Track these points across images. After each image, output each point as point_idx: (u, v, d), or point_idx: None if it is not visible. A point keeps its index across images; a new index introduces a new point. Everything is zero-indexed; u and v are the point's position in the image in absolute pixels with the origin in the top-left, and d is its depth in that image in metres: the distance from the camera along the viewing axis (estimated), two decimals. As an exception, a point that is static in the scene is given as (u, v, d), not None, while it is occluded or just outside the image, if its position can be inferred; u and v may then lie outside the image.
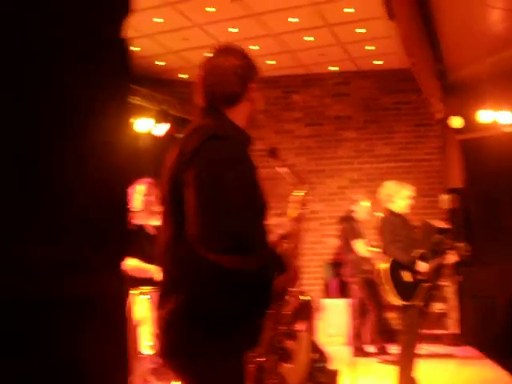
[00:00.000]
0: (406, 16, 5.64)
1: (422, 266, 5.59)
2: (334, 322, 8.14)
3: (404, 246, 5.61)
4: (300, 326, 2.20)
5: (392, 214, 5.74)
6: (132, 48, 7.91)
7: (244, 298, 2.08)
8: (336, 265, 8.74)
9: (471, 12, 6.99)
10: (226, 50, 2.36)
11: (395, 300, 5.43)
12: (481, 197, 8.91)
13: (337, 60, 8.96)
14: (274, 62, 8.86)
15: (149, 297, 4.37)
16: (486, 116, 8.67)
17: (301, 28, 7.63)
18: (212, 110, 2.29)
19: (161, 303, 2.13)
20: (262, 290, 2.15)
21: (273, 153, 2.36)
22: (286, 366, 2.11)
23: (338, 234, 8.06)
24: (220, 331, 2.05)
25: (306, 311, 2.23)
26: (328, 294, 8.63)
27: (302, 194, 2.37)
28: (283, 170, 2.38)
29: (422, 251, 5.67)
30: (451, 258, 5.98)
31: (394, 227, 5.64)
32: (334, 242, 8.68)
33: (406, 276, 5.56)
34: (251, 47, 7.36)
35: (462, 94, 9.02)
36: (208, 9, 6.96)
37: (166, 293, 2.13)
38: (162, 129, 8.13)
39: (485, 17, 7.20)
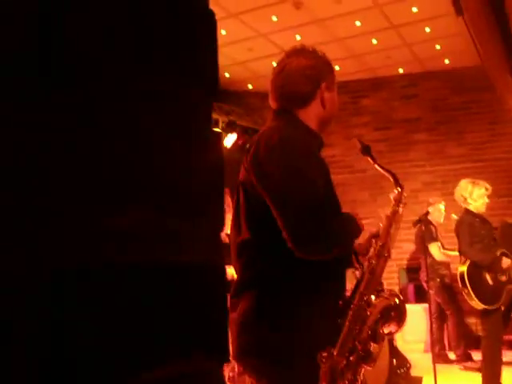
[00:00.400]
0: (475, 11, 5.48)
1: (507, 262, 5.39)
2: (411, 328, 7.95)
3: (483, 246, 5.42)
4: (388, 329, 2.14)
5: (469, 213, 5.58)
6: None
7: (319, 298, 2.06)
8: (412, 270, 8.56)
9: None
10: (298, 51, 2.33)
11: (476, 304, 5.25)
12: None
13: (404, 62, 8.81)
14: (338, 68, 8.79)
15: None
16: None
17: (365, 31, 7.56)
18: (283, 112, 2.27)
19: (232, 306, 2.11)
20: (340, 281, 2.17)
21: (366, 150, 2.32)
22: (367, 368, 2.06)
23: (413, 238, 7.89)
24: (293, 330, 2.02)
25: (397, 314, 2.16)
26: (405, 299, 8.43)
27: (399, 191, 2.33)
28: (378, 168, 2.36)
29: (502, 250, 5.48)
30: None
31: (471, 228, 5.46)
32: (409, 247, 8.51)
33: (488, 278, 5.38)
34: (316, 53, 7.32)
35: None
36: (272, 17, 6.98)
37: (238, 295, 2.12)
38: (230, 139, 8.21)
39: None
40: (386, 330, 2.12)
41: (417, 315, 8.04)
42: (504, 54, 7.38)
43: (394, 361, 5.39)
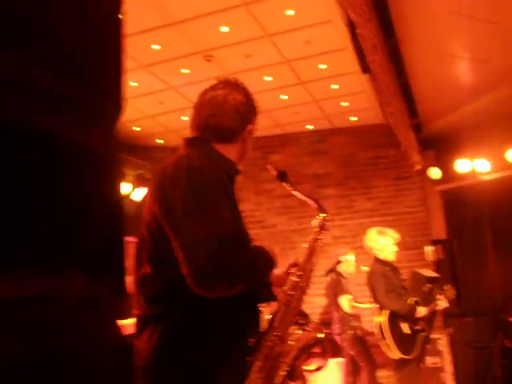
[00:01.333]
0: (379, 69, 5.67)
1: (422, 311, 5.46)
2: (325, 382, 7.86)
3: (397, 295, 5.47)
4: (312, 365, 2.04)
5: (380, 262, 5.64)
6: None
7: (225, 338, 1.94)
8: (324, 324, 8.52)
9: (441, 64, 7.11)
10: (231, 84, 2.26)
11: (395, 354, 5.23)
12: (465, 247, 8.87)
13: (312, 118, 9.01)
14: (250, 123, 8.89)
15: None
16: (463, 165, 8.74)
17: (275, 87, 7.69)
18: (199, 141, 2.17)
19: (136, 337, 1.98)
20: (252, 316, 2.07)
21: (282, 176, 2.30)
22: None
23: (324, 292, 7.89)
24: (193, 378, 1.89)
25: (321, 348, 2.05)
26: (318, 355, 8.36)
27: (322, 217, 2.30)
28: (297, 194, 2.32)
29: (415, 299, 5.54)
30: (442, 303, 5.88)
31: (385, 277, 5.51)
32: (321, 301, 8.50)
33: (404, 328, 5.40)
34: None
35: (438, 145, 9.14)
36: (183, 70, 6.98)
37: (141, 330, 1.98)
38: (139, 193, 8.04)
39: (454, 68, 7.33)
40: (310, 367, 2.02)
41: (330, 370, 7.96)
42: (406, 113, 7.69)
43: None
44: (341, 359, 7.44)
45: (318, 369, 2.09)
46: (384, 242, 5.67)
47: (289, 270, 2.16)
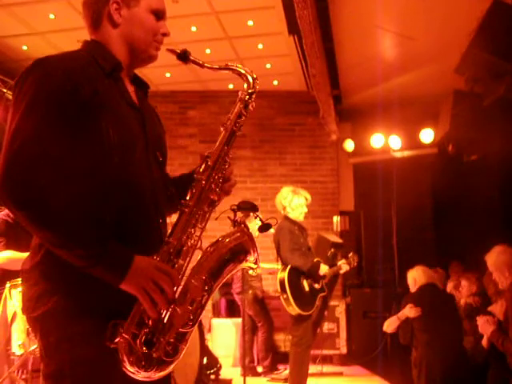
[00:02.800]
0: (307, 26, 5.62)
1: (324, 269, 5.53)
2: (222, 342, 7.89)
3: (302, 253, 5.50)
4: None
5: (288, 220, 5.64)
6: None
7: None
8: (224, 285, 8.46)
9: (367, 35, 7.16)
10: None
11: (293, 309, 5.27)
12: (371, 220, 9.08)
13: (234, 77, 8.84)
14: (169, 75, 8.67)
15: (21, 289, 3.99)
16: (377, 140, 8.89)
17: (200, 39, 7.50)
18: (85, 41, 2.04)
19: None
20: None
21: (184, 56, 2.10)
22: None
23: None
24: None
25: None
26: (216, 314, 8.36)
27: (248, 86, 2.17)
28: (209, 66, 2.18)
29: (316, 259, 5.60)
30: (344, 267, 5.97)
31: (292, 235, 5.53)
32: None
33: (305, 285, 5.45)
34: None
35: (355, 119, 9.26)
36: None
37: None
38: None
39: (379, 41, 7.39)
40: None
41: (228, 329, 8.00)
42: (328, 78, 7.72)
43: (205, 360, 5.24)
44: (239, 319, 7.46)
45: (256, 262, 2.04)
46: (297, 202, 5.68)
47: (198, 171, 2.01)
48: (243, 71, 2.16)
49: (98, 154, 1.80)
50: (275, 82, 9.08)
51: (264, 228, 2.22)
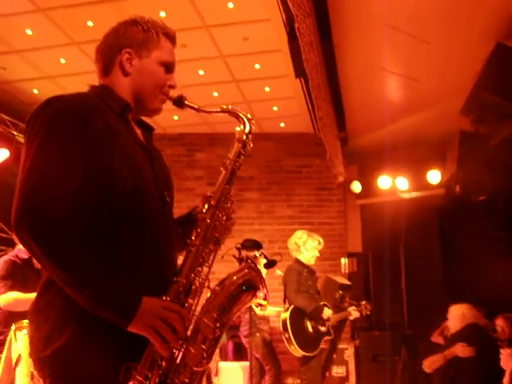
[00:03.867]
0: (313, 69, 5.70)
1: (328, 313, 5.49)
2: (229, 386, 7.79)
3: (309, 296, 5.49)
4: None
5: (298, 263, 5.66)
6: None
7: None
8: (232, 327, 8.44)
9: (372, 77, 7.24)
10: None
11: (295, 350, 5.23)
12: (379, 261, 9.02)
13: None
14: (176, 118, 8.77)
15: (26, 332, 3.96)
16: (384, 182, 8.90)
17: (208, 82, 7.60)
18: (94, 86, 2.10)
19: None
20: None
21: (179, 102, 2.13)
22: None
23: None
24: None
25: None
26: (223, 357, 8.27)
27: (245, 125, 2.19)
28: (206, 109, 2.20)
29: (324, 302, 5.57)
30: (355, 313, 5.93)
31: (299, 276, 5.54)
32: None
33: (308, 326, 5.41)
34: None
35: (362, 160, 9.29)
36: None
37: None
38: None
39: (385, 83, 7.47)
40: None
41: (235, 373, 7.89)
42: (334, 120, 7.78)
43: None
44: (246, 363, 7.37)
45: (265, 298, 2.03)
46: (312, 244, 5.73)
47: (201, 211, 2.02)
48: (238, 113, 2.19)
49: (112, 188, 1.82)
50: (282, 124, 9.17)
51: (269, 264, 2.20)
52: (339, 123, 8.44)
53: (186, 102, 2.12)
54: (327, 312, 5.48)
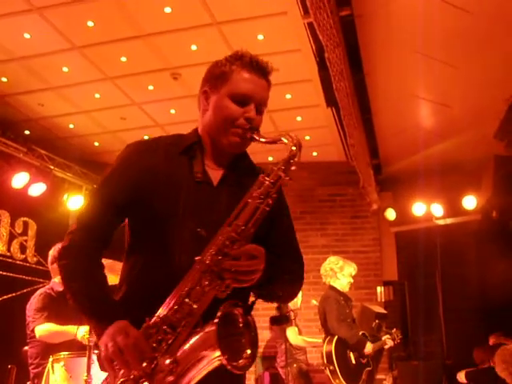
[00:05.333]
0: (344, 98, 5.73)
1: (369, 348, 5.41)
2: (266, 417, 7.70)
3: (348, 324, 5.43)
4: None
5: (334, 290, 5.61)
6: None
7: None
8: (268, 358, 8.38)
9: (403, 103, 7.23)
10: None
11: (340, 383, 5.15)
12: (416, 289, 8.90)
13: (274, 149, 8.99)
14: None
15: (63, 364, 4.00)
16: (419, 208, 8.82)
17: (240, 113, 7.67)
18: None
19: None
20: None
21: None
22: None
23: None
24: None
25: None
26: (261, 388, 8.20)
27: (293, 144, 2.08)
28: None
29: (363, 331, 5.50)
30: (389, 342, 5.85)
31: (338, 304, 5.47)
32: (266, 335, 8.37)
33: (351, 358, 5.34)
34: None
35: (395, 187, 9.22)
36: (149, 87, 6.91)
37: None
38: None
39: (416, 109, 7.45)
40: None
41: (272, 404, 7.81)
42: (366, 147, 7.77)
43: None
44: (284, 394, 7.29)
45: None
46: (348, 270, 5.68)
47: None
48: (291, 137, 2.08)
49: (134, 220, 2.05)
50: (315, 153, 9.18)
51: (277, 321, 2.02)
52: (372, 151, 8.43)
53: (254, 136, 2.03)
54: (369, 346, 5.41)
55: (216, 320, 1.73)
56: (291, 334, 7.09)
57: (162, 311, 1.79)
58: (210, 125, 2.05)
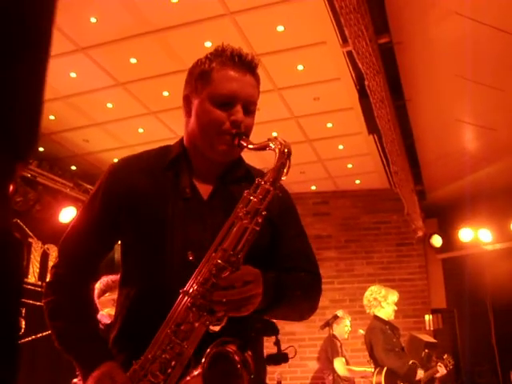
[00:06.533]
0: (386, 125, 5.71)
1: (420, 374, 5.30)
2: None
3: (396, 354, 5.33)
4: None
5: (379, 320, 5.53)
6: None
7: None
8: (317, 389, 8.28)
9: (447, 128, 7.15)
10: None
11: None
12: (465, 317, 8.70)
13: (317, 178, 9.01)
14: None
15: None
16: (466, 234, 8.67)
17: (281, 143, 7.70)
18: None
19: None
20: None
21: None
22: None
23: (317, 355, 7.71)
24: None
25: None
26: (309, 421, 8.08)
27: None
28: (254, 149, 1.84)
29: (413, 360, 5.39)
30: (441, 370, 5.72)
31: (384, 334, 5.39)
32: (314, 365, 8.28)
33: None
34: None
35: (441, 213, 9.09)
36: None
37: None
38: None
39: (460, 133, 7.37)
40: None
41: None
42: (410, 174, 7.69)
43: None
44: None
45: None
46: (392, 299, 5.61)
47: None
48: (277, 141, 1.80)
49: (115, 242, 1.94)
50: (357, 181, 9.14)
51: (272, 359, 1.68)
52: (415, 177, 8.34)
53: (242, 142, 1.78)
54: (419, 373, 5.30)
55: (203, 361, 1.54)
56: (338, 364, 6.99)
57: (150, 350, 1.62)
58: (194, 133, 1.84)
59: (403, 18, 5.06)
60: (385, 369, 5.23)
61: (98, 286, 4.93)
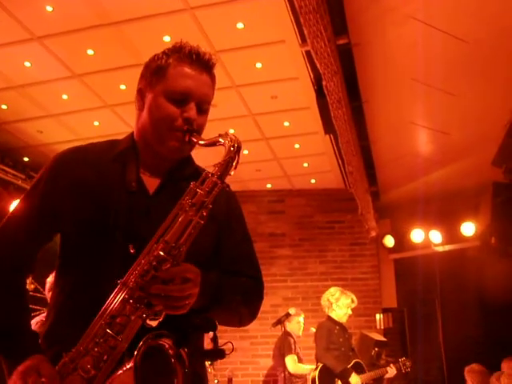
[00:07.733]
0: (342, 125, 5.76)
1: (355, 380, 5.38)
2: None
3: (340, 354, 5.42)
4: None
5: (330, 320, 5.61)
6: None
7: None
8: (269, 386, 8.33)
9: (401, 131, 7.27)
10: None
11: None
12: (415, 316, 8.85)
13: (273, 176, 9.04)
14: (209, 176, 8.86)
15: None
16: (417, 235, 8.82)
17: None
18: None
19: None
20: None
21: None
22: None
23: (270, 353, 7.73)
24: None
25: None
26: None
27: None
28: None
29: (356, 360, 5.48)
30: (391, 371, 5.81)
31: (330, 333, 5.48)
32: (266, 362, 8.31)
33: (339, 385, 5.32)
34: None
35: (394, 214, 9.23)
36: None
37: None
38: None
39: (414, 136, 7.49)
40: None
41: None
42: (365, 174, 7.79)
43: None
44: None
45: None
46: (345, 301, 5.70)
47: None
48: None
49: (57, 232, 1.85)
50: (313, 181, 9.21)
51: (208, 355, 1.66)
52: (370, 178, 8.45)
53: (192, 138, 1.77)
54: (355, 379, 5.37)
55: (135, 355, 1.48)
56: (290, 362, 7.02)
57: (82, 343, 1.56)
58: (145, 128, 1.82)
59: (362, 20, 5.11)
60: (320, 365, 5.33)
61: (50, 279, 4.84)
